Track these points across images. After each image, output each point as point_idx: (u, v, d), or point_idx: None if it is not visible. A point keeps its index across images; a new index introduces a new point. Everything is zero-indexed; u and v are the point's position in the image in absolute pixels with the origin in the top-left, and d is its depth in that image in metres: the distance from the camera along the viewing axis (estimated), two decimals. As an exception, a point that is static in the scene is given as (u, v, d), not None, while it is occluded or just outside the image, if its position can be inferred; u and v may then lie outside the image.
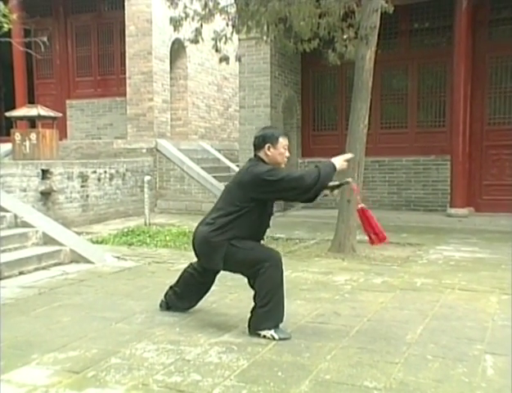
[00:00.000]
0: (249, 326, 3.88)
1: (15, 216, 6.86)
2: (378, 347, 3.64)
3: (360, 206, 4.19)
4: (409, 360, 3.42)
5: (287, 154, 4.03)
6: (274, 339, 3.74)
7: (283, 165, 4.05)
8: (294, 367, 3.31)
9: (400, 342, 3.73)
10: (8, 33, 9.40)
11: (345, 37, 7.56)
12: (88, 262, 6.44)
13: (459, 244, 7.61)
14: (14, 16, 8.95)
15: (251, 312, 3.90)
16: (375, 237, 4.13)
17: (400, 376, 3.18)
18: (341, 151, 7.38)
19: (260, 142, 3.98)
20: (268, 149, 3.94)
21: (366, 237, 4.26)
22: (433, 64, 10.77)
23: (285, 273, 3.95)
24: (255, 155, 4.01)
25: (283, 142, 4.00)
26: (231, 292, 4.95)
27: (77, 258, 6.51)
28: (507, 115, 10.31)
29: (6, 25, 8.63)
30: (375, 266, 6.22)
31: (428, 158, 10.63)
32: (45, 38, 9.85)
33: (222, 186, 11.03)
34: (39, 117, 10.51)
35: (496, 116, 10.39)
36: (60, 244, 6.62)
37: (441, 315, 4.35)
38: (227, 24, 8.00)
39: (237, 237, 3.87)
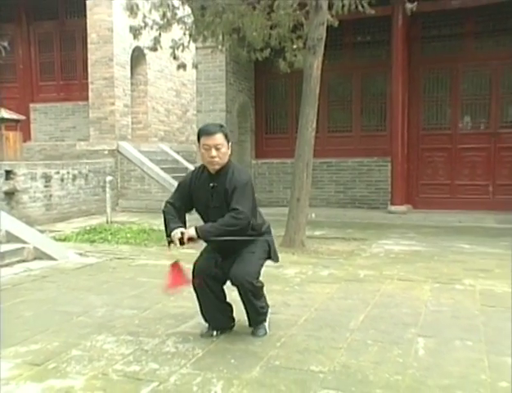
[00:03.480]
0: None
1: (-21, 215, 6.65)
2: (324, 334, 3.69)
3: (174, 263, 3.61)
4: (351, 345, 3.48)
5: (213, 153, 3.37)
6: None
7: (211, 167, 3.46)
8: (246, 354, 3.33)
9: (344, 329, 3.79)
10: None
11: (294, 47, 7.63)
12: (51, 259, 6.30)
13: (398, 238, 7.75)
14: None
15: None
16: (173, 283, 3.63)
17: (343, 360, 3.24)
18: (292, 153, 7.52)
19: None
20: (198, 147, 3.56)
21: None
22: (375, 74, 10.97)
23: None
24: None
25: (203, 141, 3.41)
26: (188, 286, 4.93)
27: (40, 255, 6.36)
28: (439, 122, 10.62)
29: None
30: (322, 259, 6.28)
31: (371, 159, 10.79)
32: (5, 43, 9.56)
33: (180, 186, 10.96)
34: (3, 120, 10.23)
35: (430, 122, 10.67)
36: (24, 242, 6.45)
37: (381, 303, 4.43)
38: (184, 34, 7.96)
39: None
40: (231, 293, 3.79)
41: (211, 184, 3.49)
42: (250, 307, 3.63)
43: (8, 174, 8.88)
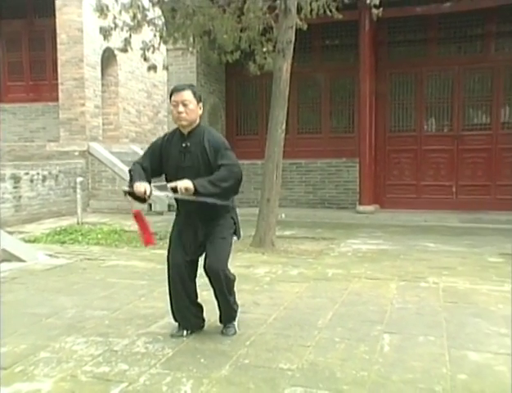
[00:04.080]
0: None
1: None
2: (292, 332, 3.70)
3: (135, 210, 3.63)
4: (319, 343, 3.51)
5: (180, 109, 3.39)
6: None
7: (179, 123, 3.46)
8: (216, 353, 3.32)
9: (312, 327, 3.81)
10: None
11: (264, 50, 7.65)
12: (20, 260, 6.17)
13: (366, 237, 7.81)
14: None
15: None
16: (146, 237, 3.69)
17: (311, 357, 3.26)
18: (262, 154, 7.54)
19: None
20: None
21: (141, 239, 3.84)
22: (343, 77, 11.06)
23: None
24: None
25: (172, 98, 3.44)
26: (159, 286, 4.87)
27: (8, 257, 6.22)
28: (405, 124, 10.77)
29: None
30: (292, 259, 6.29)
31: (340, 160, 10.88)
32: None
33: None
34: (-30, 120, 10.01)
35: (396, 125, 10.81)
36: (-8, 244, 6.32)
37: (348, 302, 4.47)
38: (155, 35, 7.91)
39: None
40: (202, 293, 3.79)
41: (183, 144, 3.49)
42: (223, 299, 3.62)
43: (-24, 175, 8.68)
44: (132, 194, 3.44)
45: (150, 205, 10.77)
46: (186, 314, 3.67)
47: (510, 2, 9.15)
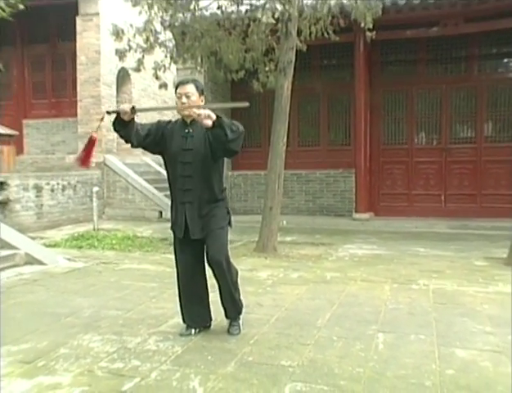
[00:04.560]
0: None
1: (-27, 223, 6.52)
2: (293, 332, 3.69)
3: (94, 134, 3.61)
4: (318, 341, 3.50)
5: (183, 100, 3.43)
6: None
7: (182, 113, 3.50)
8: (222, 351, 3.31)
9: (311, 327, 3.80)
10: (-32, 61, 8.99)
11: (267, 69, 7.66)
12: (42, 264, 6.19)
13: (361, 243, 7.80)
14: None
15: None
16: (83, 159, 3.63)
17: (311, 355, 3.25)
18: (265, 165, 7.56)
19: None
20: None
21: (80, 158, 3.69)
22: (340, 93, 11.09)
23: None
24: None
25: (177, 90, 3.48)
26: (169, 288, 4.88)
27: (31, 260, 6.24)
28: (397, 137, 10.79)
29: None
30: (292, 263, 6.28)
31: (337, 171, 10.88)
32: (0, 65, 9.45)
33: (162, 196, 10.88)
34: (-2, 135, 10.09)
35: (389, 138, 10.83)
36: (16, 248, 6.32)
37: (345, 303, 4.46)
38: (166, 56, 7.93)
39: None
40: (210, 294, 3.79)
41: (186, 130, 3.51)
42: (228, 293, 3.56)
43: (2, 185, 8.71)
44: (116, 115, 3.46)
45: (161, 213, 10.80)
46: (193, 312, 3.64)
47: (490, 29, 9.32)
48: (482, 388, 2.80)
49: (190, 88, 3.46)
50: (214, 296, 3.76)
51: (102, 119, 3.58)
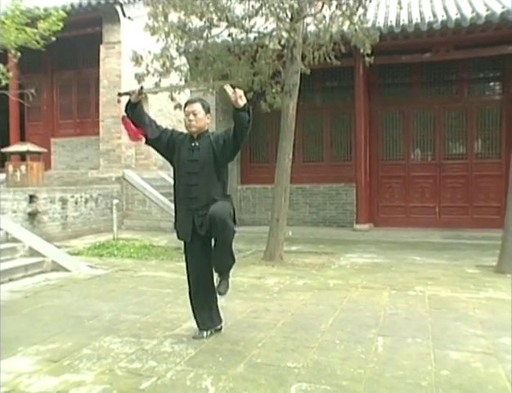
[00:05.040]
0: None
1: (7, 233, 6.62)
2: (298, 335, 3.68)
3: (123, 115, 3.60)
4: (322, 345, 3.49)
5: (191, 117, 3.50)
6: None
7: (190, 129, 3.53)
8: (232, 353, 3.32)
9: (315, 331, 3.79)
10: (6, 87, 9.17)
11: (274, 91, 7.69)
12: (66, 270, 6.23)
13: (362, 252, 7.76)
14: (10, 74, 8.76)
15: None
16: (132, 136, 3.66)
17: (315, 357, 3.24)
18: (272, 179, 7.58)
19: None
20: None
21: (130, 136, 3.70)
22: (341, 113, 11.10)
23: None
24: None
25: (186, 109, 3.55)
26: (183, 294, 4.87)
27: (57, 267, 6.29)
28: (395, 153, 10.77)
29: (4, 81, 8.45)
30: (298, 271, 6.25)
31: (339, 185, 10.86)
32: (33, 90, 9.67)
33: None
34: (28, 152, 10.19)
35: (387, 154, 10.81)
36: (43, 256, 6.39)
37: (347, 308, 4.44)
38: (181, 79, 8.01)
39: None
40: (220, 300, 3.79)
41: (192, 144, 3.56)
42: (223, 247, 3.43)
43: (31, 198, 8.85)
44: (128, 100, 3.50)
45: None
46: (204, 316, 3.63)
47: (478, 56, 9.42)
48: (475, 387, 2.78)
49: (197, 107, 3.54)
50: (225, 302, 3.77)
51: (119, 100, 3.77)
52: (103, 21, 11.79)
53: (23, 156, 10.31)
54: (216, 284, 3.59)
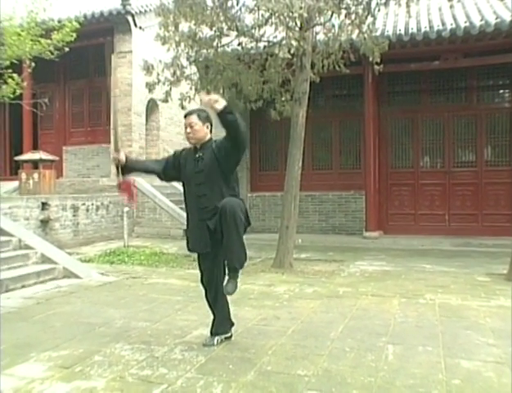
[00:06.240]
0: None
1: (20, 240, 6.68)
2: (308, 343, 3.67)
3: (119, 180, 3.70)
4: (332, 352, 3.47)
5: (188, 130, 3.52)
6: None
7: (189, 141, 3.56)
8: (242, 361, 3.30)
9: (325, 338, 3.77)
10: (20, 97, 9.38)
11: (283, 99, 7.73)
12: (77, 277, 6.27)
13: (371, 260, 7.72)
14: (25, 84, 8.93)
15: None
16: (129, 198, 3.80)
17: (325, 365, 3.22)
18: (281, 187, 7.59)
19: None
20: None
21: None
22: (351, 121, 11.09)
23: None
24: None
25: (184, 121, 3.56)
26: (193, 302, 4.90)
27: (68, 274, 6.33)
28: (404, 161, 10.73)
29: (18, 91, 8.62)
30: (307, 279, 6.23)
31: (349, 193, 10.84)
32: (46, 100, 9.84)
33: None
34: (41, 160, 10.31)
35: (396, 162, 10.78)
36: (55, 263, 6.43)
37: (357, 316, 4.42)
38: (191, 88, 8.06)
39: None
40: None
41: (197, 155, 3.56)
42: (233, 236, 3.26)
43: (44, 206, 8.93)
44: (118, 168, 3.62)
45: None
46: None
47: (486, 63, 9.41)
48: (487, 398, 2.75)
49: (193, 119, 3.54)
50: (235, 310, 3.76)
51: (119, 186, 3.77)
52: (115, 31, 11.93)
53: (35, 164, 10.45)
54: (224, 283, 3.49)
